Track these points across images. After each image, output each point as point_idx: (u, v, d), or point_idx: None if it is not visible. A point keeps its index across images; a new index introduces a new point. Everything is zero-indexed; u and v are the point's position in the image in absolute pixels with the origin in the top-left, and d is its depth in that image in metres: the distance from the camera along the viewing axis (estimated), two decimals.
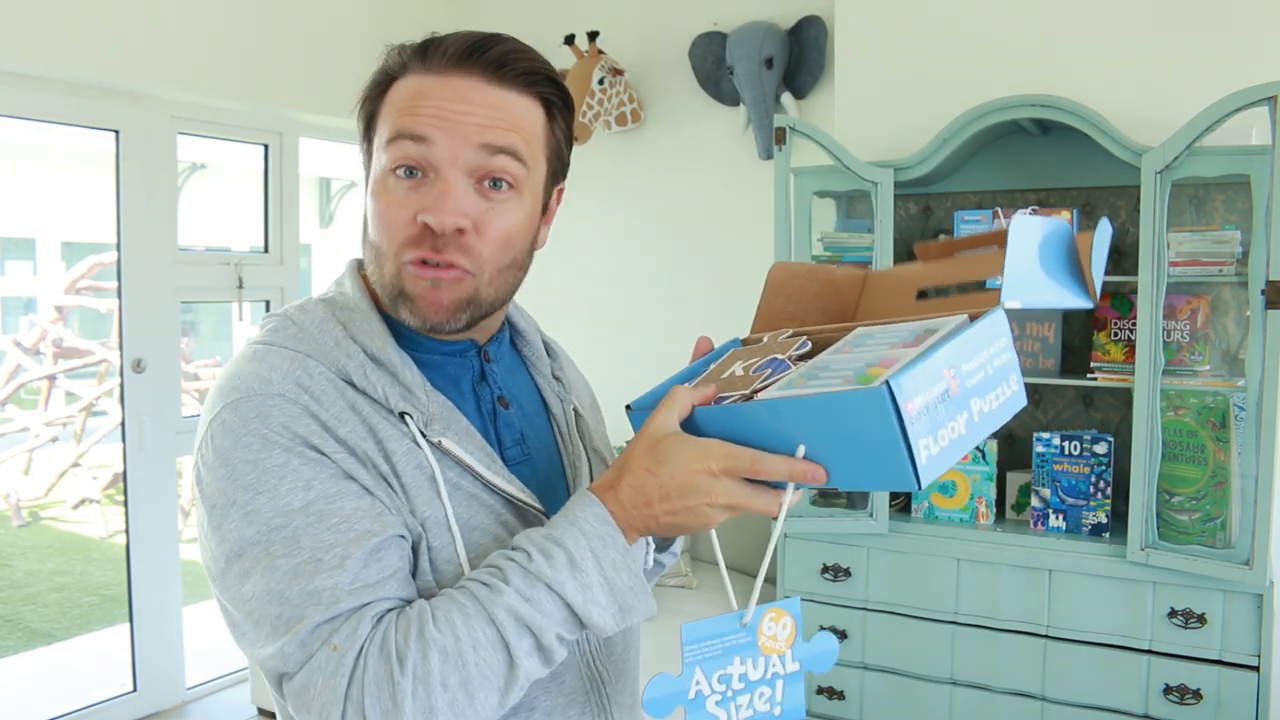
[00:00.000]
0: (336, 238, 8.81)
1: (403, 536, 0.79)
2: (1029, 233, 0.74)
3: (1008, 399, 0.74)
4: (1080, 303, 0.78)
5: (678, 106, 3.42)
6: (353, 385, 0.83)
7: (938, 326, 0.75)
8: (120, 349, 3.00)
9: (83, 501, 5.97)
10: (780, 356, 0.80)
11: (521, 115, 0.84)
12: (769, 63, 3.08)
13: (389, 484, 0.81)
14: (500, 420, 0.93)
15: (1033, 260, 0.75)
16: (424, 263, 0.82)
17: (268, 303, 3.41)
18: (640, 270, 3.53)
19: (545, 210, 0.91)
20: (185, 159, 6.08)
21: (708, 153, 3.39)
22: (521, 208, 0.85)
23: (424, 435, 0.83)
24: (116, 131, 2.92)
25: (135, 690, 3.07)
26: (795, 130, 2.55)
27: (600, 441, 1.05)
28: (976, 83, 2.58)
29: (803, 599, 2.62)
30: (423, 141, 0.81)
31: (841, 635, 2.58)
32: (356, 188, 5.07)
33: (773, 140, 2.67)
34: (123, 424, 3.03)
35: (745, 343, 0.93)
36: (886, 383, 0.64)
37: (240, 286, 3.25)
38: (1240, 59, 2.35)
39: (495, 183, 0.83)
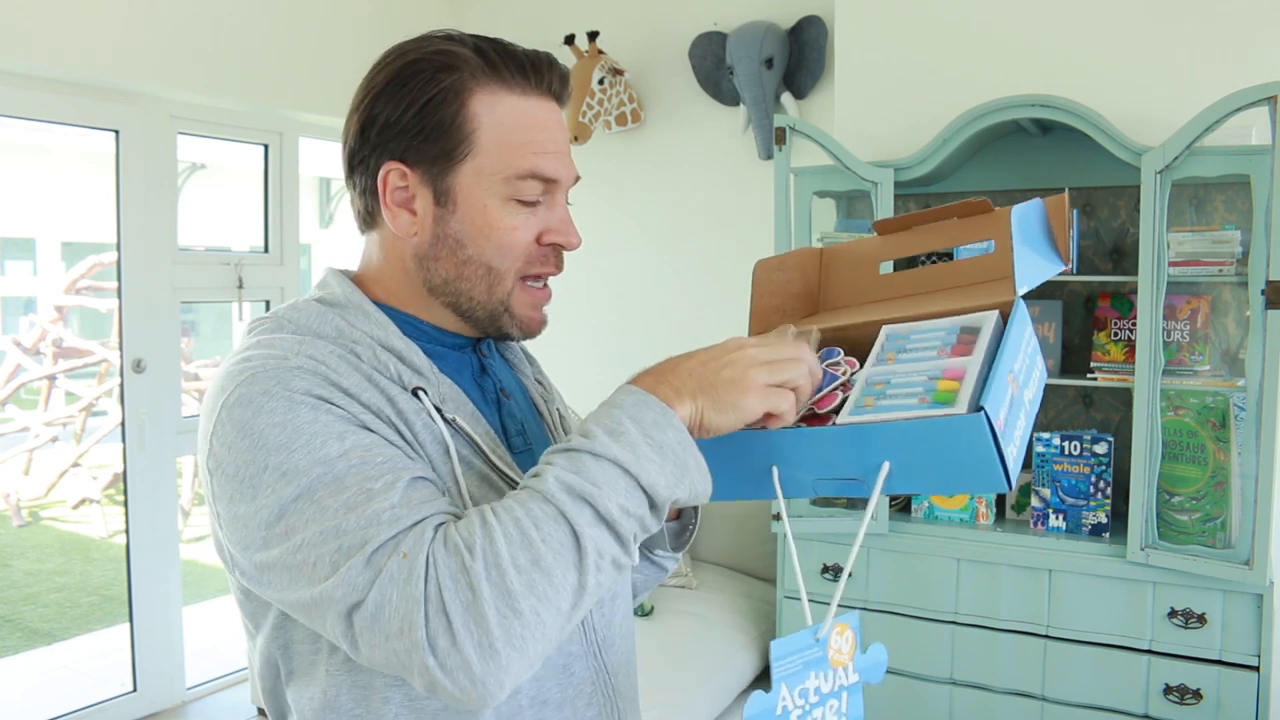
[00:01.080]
0: (336, 238, 8.81)
1: (438, 482, 0.80)
2: (1024, 217, 0.80)
3: (1039, 380, 0.81)
4: (1057, 267, 0.85)
5: (678, 106, 3.42)
6: (361, 360, 0.83)
7: (975, 325, 0.78)
8: (120, 349, 3.00)
9: (83, 501, 5.97)
10: (823, 366, 0.83)
11: None
12: (769, 63, 3.08)
13: (413, 449, 0.81)
14: (504, 410, 0.94)
15: (1027, 243, 0.80)
16: (539, 279, 0.90)
17: (268, 303, 3.41)
18: (639, 270, 3.53)
19: None
20: (185, 159, 6.08)
21: (708, 153, 3.39)
22: None
23: (439, 411, 0.84)
24: (116, 131, 2.92)
25: (135, 690, 3.07)
26: (795, 130, 2.55)
27: None
28: (976, 83, 2.58)
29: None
30: (552, 182, 0.87)
31: None
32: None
33: (773, 140, 2.67)
34: (123, 424, 3.03)
35: None
36: (982, 409, 0.68)
37: (240, 286, 3.25)
38: (1240, 59, 2.36)
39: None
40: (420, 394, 0.83)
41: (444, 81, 0.84)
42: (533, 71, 0.86)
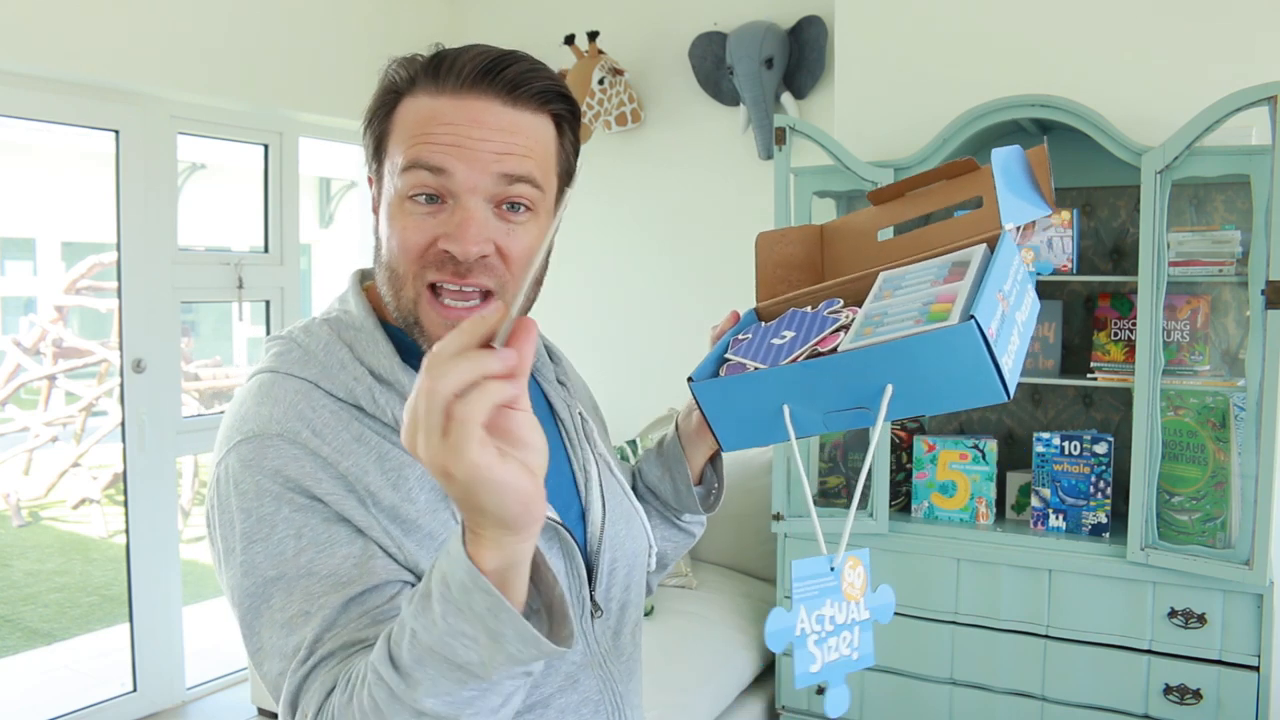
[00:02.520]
0: (336, 238, 8.81)
1: (391, 582, 0.79)
2: (1006, 161, 0.84)
3: (1031, 306, 0.84)
4: (1044, 211, 0.88)
5: (678, 106, 3.42)
6: (362, 410, 0.83)
7: (965, 259, 0.82)
8: (120, 349, 3.00)
9: (83, 501, 5.97)
10: (823, 314, 0.85)
11: (536, 137, 0.85)
12: (769, 63, 3.08)
13: (399, 514, 0.80)
14: None
15: (1009, 183, 0.84)
16: (443, 291, 0.82)
17: (268, 303, 3.41)
18: (640, 270, 3.53)
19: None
20: (185, 159, 6.08)
21: (708, 153, 3.39)
22: (538, 225, 0.86)
23: None
24: (116, 131, 2.92)
25: (135, 690, 3.07)
26: (795, 130, 2.55)
27: (604, 445, 1.05)
28: (976, 83, 2.58)
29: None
30: (440, 173, 0.81)
31: None
32: (357, 188, 5.06)
33: (773, 140, 2.67)
34: (123, 424, 3.03)
35: (759, 313, 0.96)
36: (972, 317, 0.70)
37: (240, 286, 3.25)
38: (1240, 59, 2.35)
39: (513, 205, 0.83)
40: None
41: (383, 95, 0.87)
42: (446, 71, 0.83)
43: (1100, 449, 2.36)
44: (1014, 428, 2.70)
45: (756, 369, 0.82)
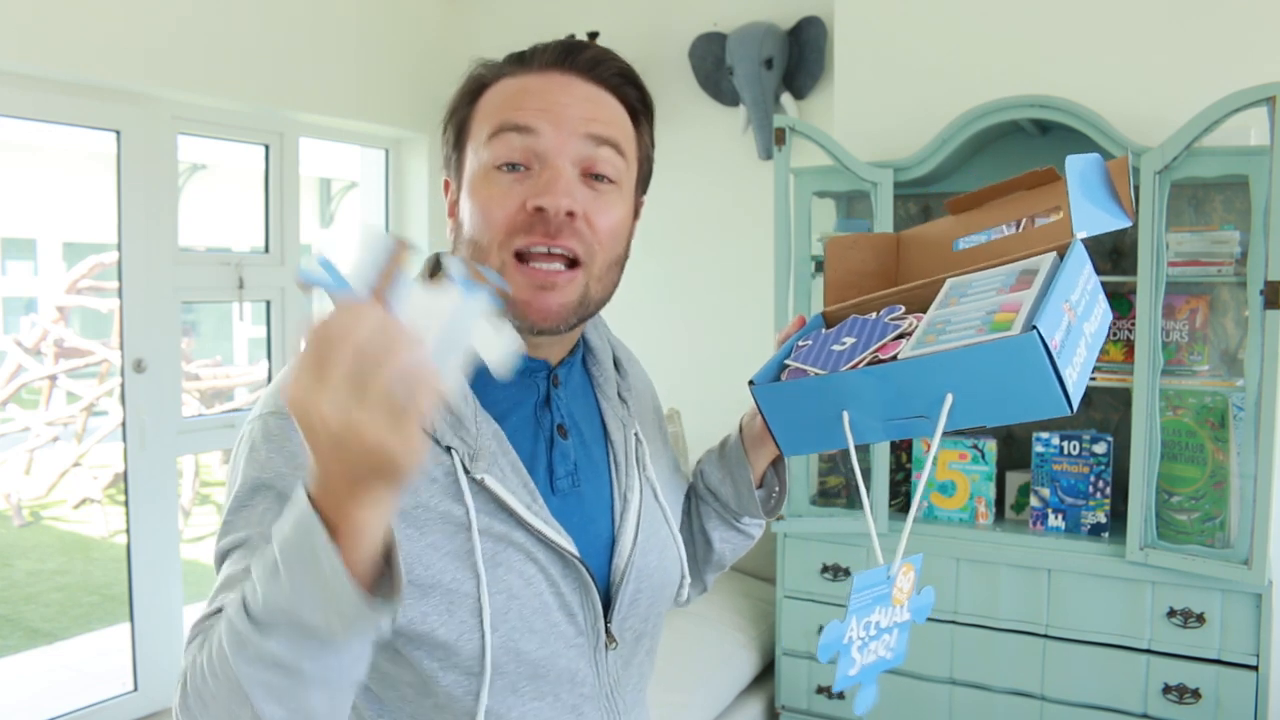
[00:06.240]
0: (337, 238, 8.83)
1: None
2: (1082, 168, 0.82)
3: (1102, 317, 0.82)
4: (1123, 222, 0.86)
5: (678, 107, 3.42)
6: None
7: (1034, 267, 0.80)
8: (121, 349, 3.00)
9: (84, 501, 5.98)
10: (884, 320, 0.85)
11: (617, 112, 0.88)
12: (769, 63, 3.09)
13: (407, 516, 0.79)
14: (556, 450, 0.91)
15: (1085, 192, 0.82)
16: (530, 257, 0.81)
17: (268, 303, 3.41)
18: (638, 270, 3.52)
19: (635, 216, 0.94)
20: (186, 159, 6.09)
21: (708, 153, 3.39)
22: (623, 202, 0.88)
23: (466, 471, 0.82)
24: (117, 131, 2.92)
25: (136, 690, 3.07)
26: (795, 130, 2.55)
27: (659, 465, 1.02)
28: (976, 83, 2.59)
29: (802, 599, 2.62)
30: (529, 132, 0.82)
31: None
32: (357, 188, 5.07)
33: (773, 140, 2.67)
34: (123, 424, 3.03)
35: (826, 317, 0.96)
36: (1035, 327, 0.69)
37: (241, 287, 3.25)
38: (1239, 59, 2.36)
39: (598, 176, 0.85)
40: (451, 451, 0.81)
41: (468, 84, 0.90)
42: (530, 54, 0.88)
43: (1099, 449, 2.36)
44: (1013, 427, 2.71)
45: (816, 375, 0.81)
